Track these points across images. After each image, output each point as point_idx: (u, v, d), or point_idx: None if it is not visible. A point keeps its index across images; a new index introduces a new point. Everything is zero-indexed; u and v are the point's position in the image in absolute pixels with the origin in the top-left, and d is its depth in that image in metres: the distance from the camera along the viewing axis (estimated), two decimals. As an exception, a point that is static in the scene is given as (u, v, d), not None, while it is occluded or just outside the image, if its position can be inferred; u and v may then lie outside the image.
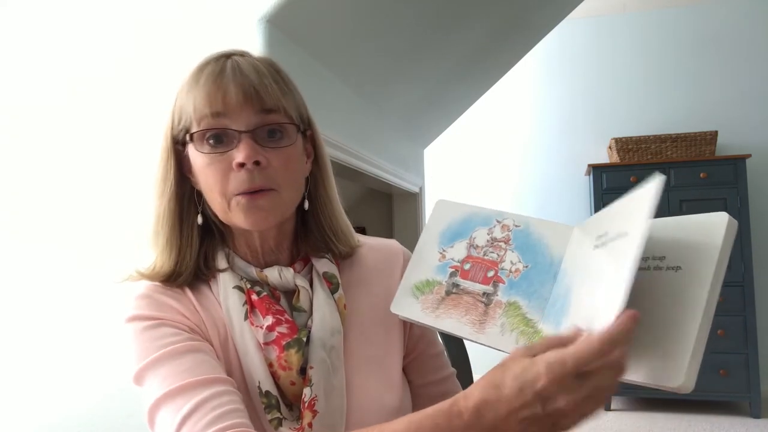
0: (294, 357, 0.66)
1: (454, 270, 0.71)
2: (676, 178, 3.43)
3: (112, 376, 1.52)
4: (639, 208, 0.54)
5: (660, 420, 3.23)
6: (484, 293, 0.67)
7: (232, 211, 0.66)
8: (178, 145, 0.70)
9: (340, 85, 2.07)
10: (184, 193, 0.71)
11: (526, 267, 0.66)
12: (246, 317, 0.68)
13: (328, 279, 0.74)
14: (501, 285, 0.67)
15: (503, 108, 4.24)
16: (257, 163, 0.64)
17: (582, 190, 4.09)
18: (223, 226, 0.73)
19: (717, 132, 3.48)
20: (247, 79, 0.65)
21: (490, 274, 0.68)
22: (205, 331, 0.69)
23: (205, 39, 1.54)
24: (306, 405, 0.66)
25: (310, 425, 0.65)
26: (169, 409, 0.60)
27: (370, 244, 0.83)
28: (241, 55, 0.70)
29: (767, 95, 3.76)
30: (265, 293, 0.71)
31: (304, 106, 0.74)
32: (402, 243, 0.85)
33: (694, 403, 3.50)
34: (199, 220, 0.71)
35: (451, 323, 0.66)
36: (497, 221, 0.71)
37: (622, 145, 3.56)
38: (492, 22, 2.43)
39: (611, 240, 0.57)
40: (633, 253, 0.50)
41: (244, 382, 0.67)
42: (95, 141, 1.63)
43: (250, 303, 0.69)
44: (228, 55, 0.69)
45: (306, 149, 0.74)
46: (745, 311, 3.26)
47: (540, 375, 0.46)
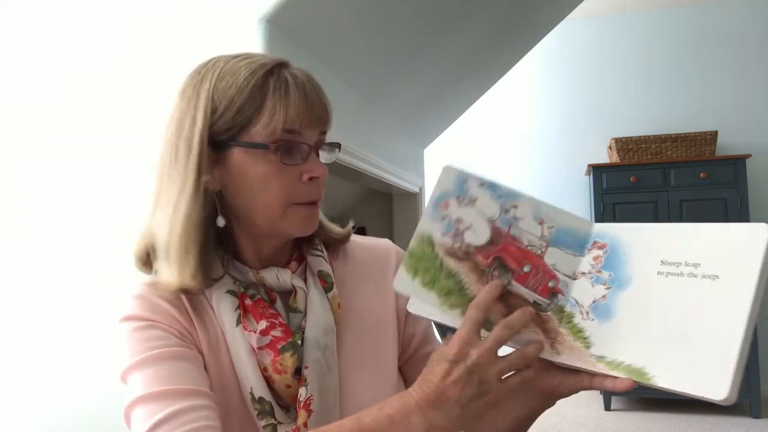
0: (289, 360, 0.66)
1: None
2: (676, 178, 3.43)
3: (112, 376, 1.52)
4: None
5: (660, 420, 3.23)
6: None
7: (286, 219, 0.68)
8: (216, 146, 0.67)
9: (340, 85, 2.07)
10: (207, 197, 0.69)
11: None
12: (238, 322, 0.68)
13: (322, 278, 0.74)
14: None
15: (503, 108, 4.24)
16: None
17: (582, 190, 4.09)
18: (231, 229, 0.72)
19: (717, 132, 3.48)
20: (325, 100, 0.70)
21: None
22: (196, 336, 0.69)
23: (205, 39, 1.54)
24: (302, 405, 0.66)
25: (306, 425, 0.65)
26: (144, 410, 0.60)
27: (363, 244, 0.83)
28: (289, 64, 0.70)
29: (767, 95, 3.76)
30: (259, 296, 0.70)
31: None
32: (402, 243, 0.85)
33: (694, 403, 3.49)
34: (221, 222, 0.69)
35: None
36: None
37: (622, 145, 3.56)
38: (492, 22, 2.43)
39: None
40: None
41: (237, 388, 0.67)
42: (95, 141, 1.63)
43: (243, 308, 0.69)
44: (285, 64, 0.69)
45: None
46: (745, 311, 3.26)
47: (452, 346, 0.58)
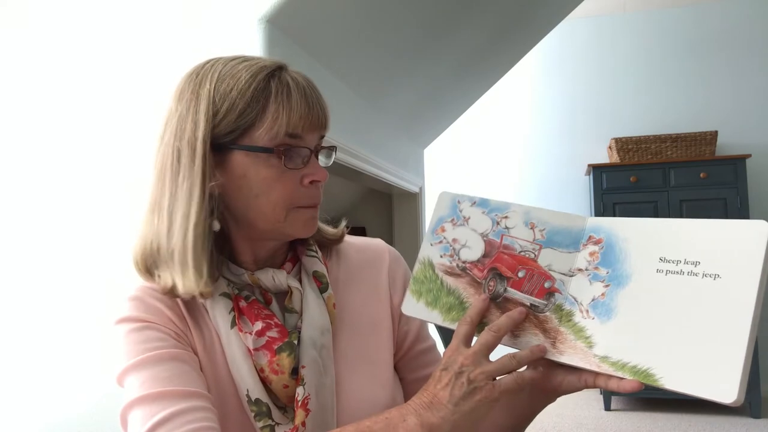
0: (286, 360, 0.66)
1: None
2: (676, 178, 3.43)
3: (112, 376, 1.52)
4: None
5: (660, 420, 3.23)
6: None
7: (288, 222, 0.68)
8: (218, 148, 0.67)
9: (340, 85, 2.07)
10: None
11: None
12: (233, 325, 0.68)
13: (317, 278, 0.74)
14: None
15: (503, 108, 4.24)
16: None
17: (582, 190, 4.09)
18: (228, 232, 0.72)
19: (717, 132, 3.48)
20: (324, 104, 0.71)
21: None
22: (191, 338, 0.69)
23: (205, 39, 1.55)
24: (299, 404, 0.66)
25: (304, 424, 0.65)
26: (143, 412, 0.60)
27: (356, 244, 0.84)
28: (287, 67, 0.70)
29: (767, 95, 3.76)
30: (253, 298, 0.70)
31: None
32: (402, 243, 0.85)
33: (694, 403, 3.50)
34: (217, 226, 0.67)
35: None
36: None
37: (622, 145, 3.56)
38: (492, 21, 2.43)
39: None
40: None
41: (234, 390, 0.67)
42: (95, 141, 1.63)
43: (237, 310, 0.69)
44: (283, 67, 0.69)
45: None
46: (745, 311, 3.26)
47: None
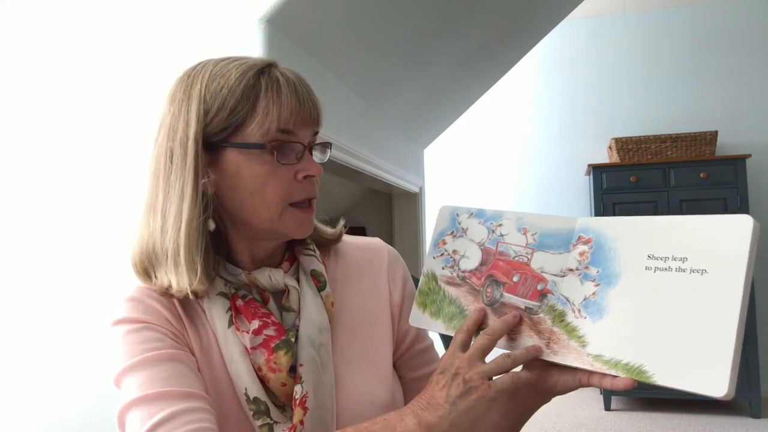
0: (283, 358, 0.66)
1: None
2: (676, 178, 3.43)
3: (110, 377, 1.52)
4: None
5: (660, 420, 3.23)
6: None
7: (283, 220, 0.68)
8: (210, 146, 0.67)
9: (340, 85, 2.07)
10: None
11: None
12: (230, 324, 0.68)
13: (315, 277, 0.74)
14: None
15: (503, 108, 4.24)
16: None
17: (582, 190, 4.09)
18: (225, 232, 0.72)
19: (717, 132, 3.48)
20: (315, 99, 0.71)
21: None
22: (188, 338, 0.69)
23: (205, 39, 1.55)
24: (297, 402, 0.66)
25: (302, 423, 0.65)
26: (141, 412, 0.60)
27: (355, 243, 0.84)
28: (278, 65, 0.71)
29: (766, 95, 3.76)
30: (250, 297, 0.71)
31: None
32: (402, 243, 0.86)
33: (694, 403, 3.50)
34: (212, 226, 0.68)
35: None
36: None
37: (622, 145, 3.56)
38: (492, 22, 2.43)
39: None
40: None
41: (232, 390, 0.67)
42: (95, 141, 1.63)
43: (234, 309, 0.69)
44: (274, 65, 0.69)
45: None
46: (745, 311, 3.26)
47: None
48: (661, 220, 0.60)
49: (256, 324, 0.68)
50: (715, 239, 0.55)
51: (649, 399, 3.61)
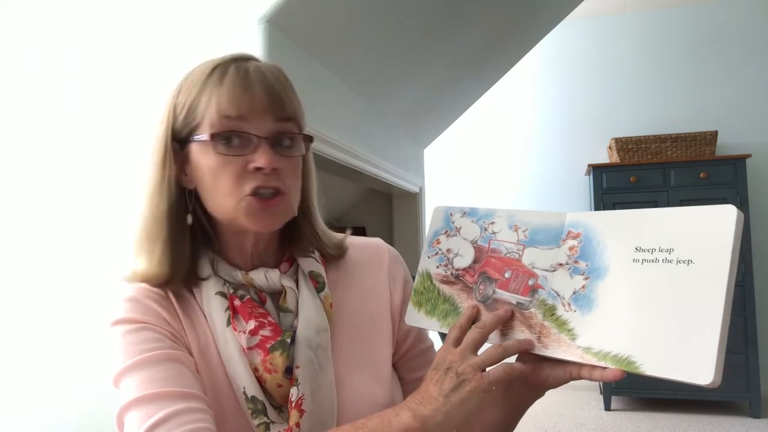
0: (279, 359, 0.66)
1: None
2: (676, 178, 3.43)
3: (109, 377, 1.52)
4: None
5: (660, 420, 3.23)
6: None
7: (239, 213, 0.67)
8: (176, 143, 0.70)
9: (340, 85, 2.07)
10: (178, 192, 0.71)
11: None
12: (228, 323, 0.68)
13: (314, 278, 0.74)
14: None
15: (503, 108, 4.24)
16: (274, 169, 0.67)
17: (582, 190, 4.09)
18: (213, 228, 0.73)
19: (717, 132, 3.48)
20: (272, 85, 0.68)
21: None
22: (185, 338, 0.69)
23: (205, 39, 1.55)
24: (293, 405, 0.66)
25: (298, 425, 0.65)
26: (140, 412, 0.60)
27: (355, 244, 0.84)
28: (255, 60, 0.70)
29: (767, 95, 3.76)
30: (248, 297, 0.71)
31: (304, 117, 0.75)
32: (402, 243, 0.86)
33: (694, 403, 3.50)
34: (189, 220, 0.70)
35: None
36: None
37: (622, 145, 3.56)
38: (492, 22, 2.43)
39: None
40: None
41: (230, 389, 0.67)
42: (94, 141, 1.63)
43: (232, 308, 0.69)
44: (244, 59, 0.69)
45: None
46: (745, 311, 3.26)
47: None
48: (648, 212, 0.61)
49: (252, 324, 0.68)
50: (700, 230, 0.56)
51: (649, 399, 3.61)
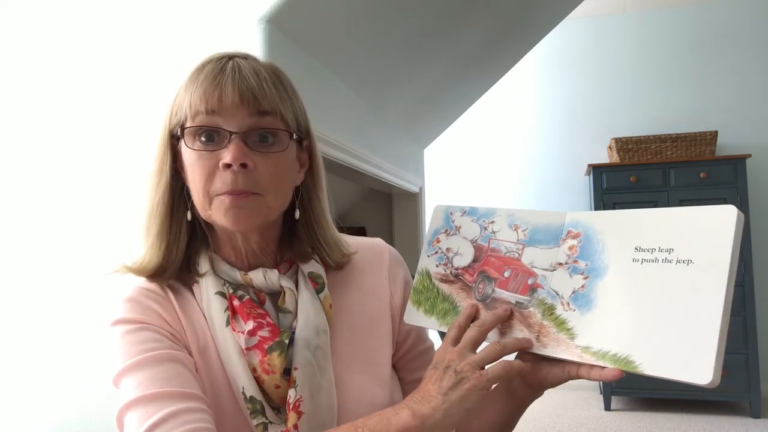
0: (276, 360, 0.66)
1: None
2: (676, 178, 3.43)
3: (108, 377, 1.52)
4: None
5: (660, 420, 3.23)
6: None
7: (213, 210, 0.67)
8: (174, 140, 0.70)
9: (340, 85, 2.07)
10: (176, 187, 0.71)
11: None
12: (228, 323, 0.68)
13: (313, 279, 0.74)
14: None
15: (503, 108, 4.24)
16: (244, 165, 0.64)
17: (582, 190, 4.09)
18: (208, 226, 0.73)
19: (717, 132, 3.48)
20: (246, 80, 0.66)
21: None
22: (185, 338, 0.69)
23: (205, 39, 1.55)
24: (291, 406, 0.66)
25: (296, 427, 0.65)
26: (139, 412, 0.60)
27: (355, 244, 0.84)
28: (245, 57, 0.70)
29: (767, 95, 3.76)
30: (247, 297, 0.71)
31: (304, 116, 0.74)
32: (402, 243, 0.85)
33: (694, 403, 3.50)
34: (188, 216, 0.71)
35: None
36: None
37: (622, 145, 3.56)
38: (492, 22, 2.43)
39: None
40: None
41: (229, 389, 0.67)
42: (94, 141, 1.63)
43: (231, 308, 0.69)
44: (230, 57, 0.69)
45: (300, 158, 0.74)
46: (745, 311, 3.26)
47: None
48: (648, 212, 0.61)
49: (251, 325, 0.68)
50: (700, 230, 0.56)
51: (649, 399, 3.61)
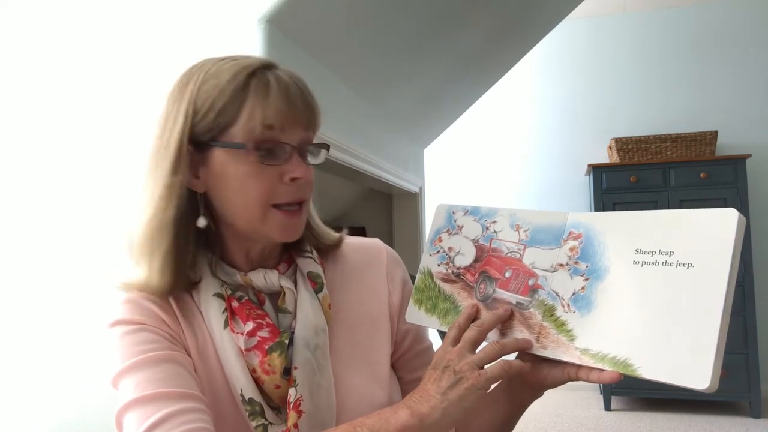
0: (277, 360, 0.66)
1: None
2: (676, 178, 3.43)
3: (107, 378, 1.52)
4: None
5: (660, 420, 3.23)
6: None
7: (267, 223, 0.67)
8: (190, 146, 0.67)
9: (340, 86, 2.07)
10: (187, 196, 0.69)
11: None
12: (226, 325, 0.68)
13: (312, 279, 0.74)
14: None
15: (503, 108, 4.24)
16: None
17: (582, 190, 4.09)
18: (218, 231, 0.72)
19: (717, 132, 3.48)
20: (310, 99, 0.69)
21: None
22: (184, 339, 0.69)
23: (205, 39, 1.55)
24: (291, 406, 0.66)
25: (296, 426, 0.65)
26: (138, 413, 0.60)
27: (353, 244, 0.84)
28: (279, 67, 0.69)
29: (767, 95, 3.76)
30: (246, 298, 0.71)
31: None
32: (402, 243, 0.86)
33: (694, 403, 3.50)
34: (202, 223, 0.69)
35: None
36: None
37: (622, 145, 3.56)
38: (492, 22, 2.43)
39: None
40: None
41: (228, 391, 0.68)
42: (94, 141, 1.63)
43: (230, 310, 0.69)
44: (272, 66, 0.68)
45: None
46: (745, 311, 3.26)
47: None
48: (649, 214, 0.61)
49: (250, 325, 0.68)
50: (701, 233, 0.56)
51: (649, 399, 3.61)
